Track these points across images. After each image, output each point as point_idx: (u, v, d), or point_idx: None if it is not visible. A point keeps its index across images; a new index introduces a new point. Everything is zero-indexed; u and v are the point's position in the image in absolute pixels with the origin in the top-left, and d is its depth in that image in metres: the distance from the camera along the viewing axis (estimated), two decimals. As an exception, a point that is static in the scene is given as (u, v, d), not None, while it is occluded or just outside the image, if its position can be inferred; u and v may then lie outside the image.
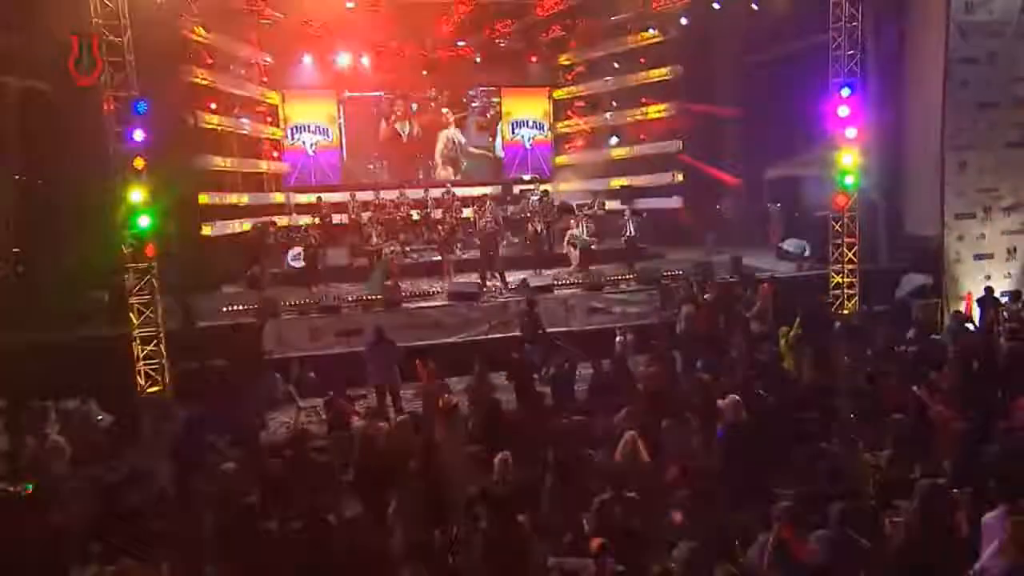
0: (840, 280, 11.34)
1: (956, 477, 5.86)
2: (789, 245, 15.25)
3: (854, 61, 10.60)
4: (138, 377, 8.97)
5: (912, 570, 4.16)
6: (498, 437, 6.84)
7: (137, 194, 8.32)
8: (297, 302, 11.61)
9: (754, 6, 12.93)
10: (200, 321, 10.80)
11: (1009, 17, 12.36)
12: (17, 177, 10.40)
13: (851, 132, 10.52)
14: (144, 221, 8.44)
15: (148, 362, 8.98)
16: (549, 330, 11.29)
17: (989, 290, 11.31)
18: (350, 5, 12.48)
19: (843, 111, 10.49)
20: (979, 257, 13.13)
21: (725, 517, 5.18)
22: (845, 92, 10.44)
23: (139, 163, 8.24)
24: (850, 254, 11.26)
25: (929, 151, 13.23)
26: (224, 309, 11.30)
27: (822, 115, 10.86)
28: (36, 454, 7.17)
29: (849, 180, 10.79)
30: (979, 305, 11.54)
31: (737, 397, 6.70)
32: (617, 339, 11.43)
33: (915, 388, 7.09)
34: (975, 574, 4.10)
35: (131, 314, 8.89)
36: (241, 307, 11.30)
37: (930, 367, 8.34)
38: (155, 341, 9.03)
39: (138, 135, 8.28)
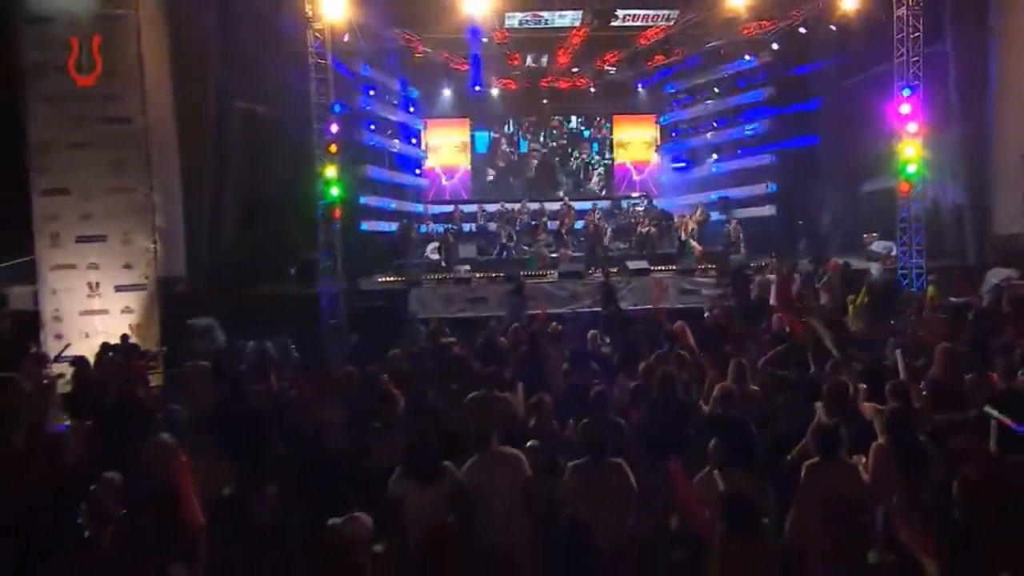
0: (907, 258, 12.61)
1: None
2: (877, 247, 16.30)
3: (916, 66, 12.10)
4: (321, 313, 11.92)
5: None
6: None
7: (331, 171, 11.36)
8: (435, 277, 14.37)
9: (832, 27, 14.51)
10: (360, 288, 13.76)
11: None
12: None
13: (912, 127, 11.97)
14: (334, 191, 11.46)
15: (328, 301, 11.92)
16: (647, 307, 13.31)
17: None
18: (484, 40, 15.31)
19: (905, 108, 12.01)
20: (1071, 255, 13.77)
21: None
22: (906, 92, 11.98)
23: (333, 148, 11.28)
24: (917, 238, 12.51)
25: (1013, 153, 14.20)
26: (378, 280, 14.26)
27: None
28: (256, 353, 10.03)
29: (911, 169, 12.17)
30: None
31: (781, 315, 8.47)
32: (706, 315, 13.26)
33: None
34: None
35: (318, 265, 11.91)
36: (391, 278, 14.21)
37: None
38: (333, 285, 11.97)
39: (334, 128, 11.36)
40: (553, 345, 9.27)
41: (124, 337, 11.16)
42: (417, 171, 20.09)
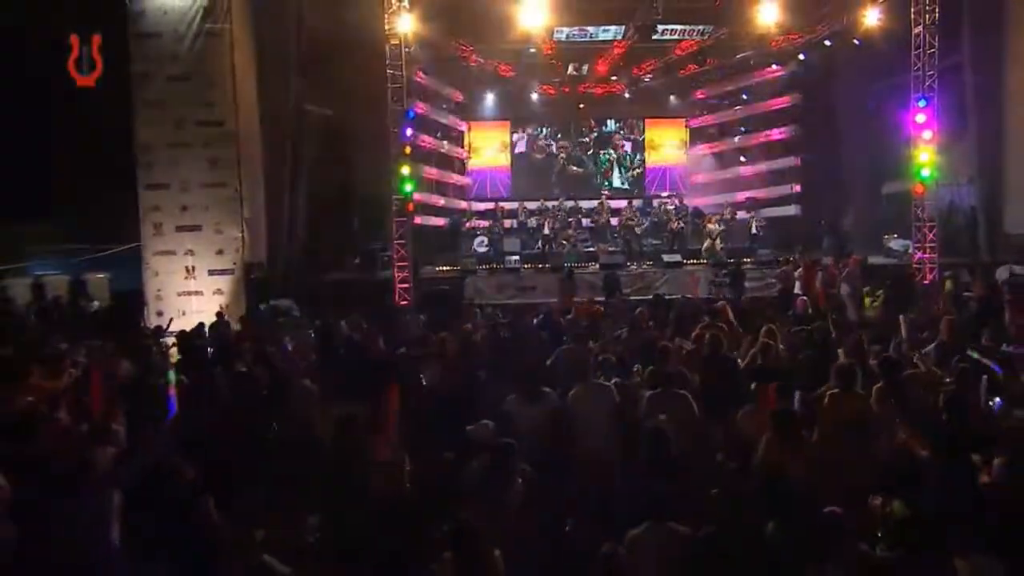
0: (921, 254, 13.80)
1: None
2: (895, 244, 17.46)
3: (932, 79, 13.29)
4: (395, 295, 13.40)
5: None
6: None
7: (405, 169, 12.84)
8: (488, 267, 15.80)
9: (856, 42, 15.66)
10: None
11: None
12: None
13: (927, 134, 13.18)
14: (408, 187, 12.93)
15: (401, 285, 13.37)
16: (682, 295, 14.63)
17: None
18: (532, 51, 16.70)
19: (920, 118, 13.23)
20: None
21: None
22: (922, 103, 13.19)
23: (408, 150, 12.75)
24: (931, 235, 13.70)
25: (1026, 156, 15.29)
26: (436, 269, 15.70)
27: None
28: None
29: (926, 173, 13.38)
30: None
31: (805, 297, 9.74)
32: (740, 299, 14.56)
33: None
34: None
35: (391, 251, 13.36)
36: (448, 268, 15.65)
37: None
38: (406, 271, 13.40)
39: (408, 131, 12.83)
40: (604, 321, 10.68)
41: (219, 314, 12.67)
42: (461, 170, 21.52)
